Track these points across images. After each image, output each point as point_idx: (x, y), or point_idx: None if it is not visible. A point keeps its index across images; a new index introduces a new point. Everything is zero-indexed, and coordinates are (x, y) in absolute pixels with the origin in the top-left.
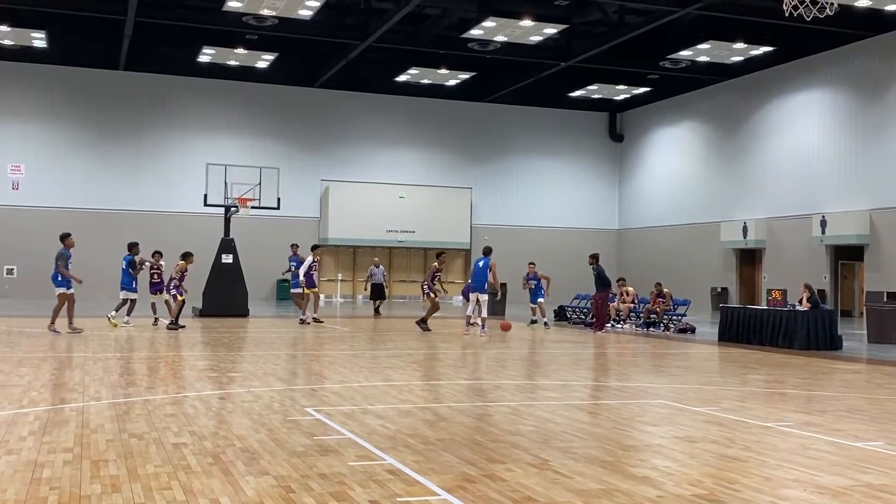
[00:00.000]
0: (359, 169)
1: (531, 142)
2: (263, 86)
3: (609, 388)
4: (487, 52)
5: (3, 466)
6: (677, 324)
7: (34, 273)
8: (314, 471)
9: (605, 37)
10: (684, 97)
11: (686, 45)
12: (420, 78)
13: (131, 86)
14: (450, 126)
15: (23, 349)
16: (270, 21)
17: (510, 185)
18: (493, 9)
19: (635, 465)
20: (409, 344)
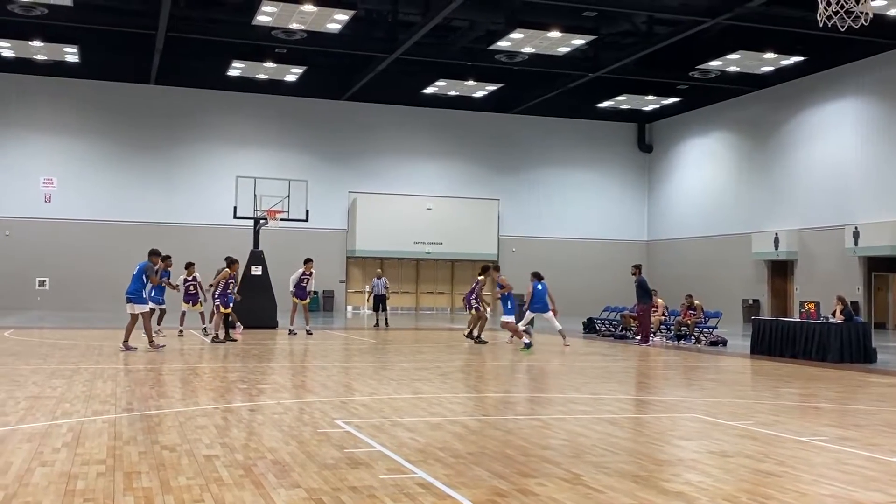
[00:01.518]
0: (386, 181)
1: (559, 153)
2: (292, 99)
3: (640, 401)
4: (515, 63)
5: (37, 478)
6: (708, 336)
7: (66, 285)
8: (345, 484)
9: (634, 47)
10: (714, 107)
11: (716, 56)
12: (447, 90)
13: (162, 100)
14: (477, 137)
15: (55, 361)
16: (299, 35)
17: (538, 196)
18: (520, 20)
19: (668, 480)
20: (438, 356)
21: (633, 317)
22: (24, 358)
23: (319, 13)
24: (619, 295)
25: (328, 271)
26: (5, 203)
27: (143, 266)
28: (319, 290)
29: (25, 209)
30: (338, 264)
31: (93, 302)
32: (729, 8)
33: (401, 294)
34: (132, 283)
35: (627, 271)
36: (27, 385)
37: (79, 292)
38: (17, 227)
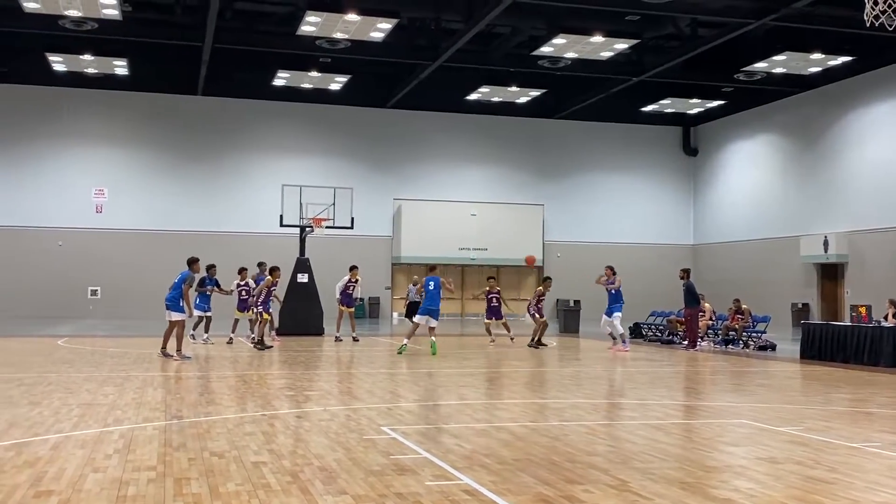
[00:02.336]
0: (431, 187)
1: (603, 158)
2: (336, 107)
3: (688, 407)
4: (558, 68)
5: (90, 484)
6: (757, 341)
7: (117, 294)
8: (391, 490)
9: (678, 50)
10: (760, 110)
11: (761, 57)
12: (491, 96)
13: (209, 110)
14: (521, 143)
15: (107, 368)
16: (343, 44)
17: (582, 201)
18: (563, 26)
19: (717, 487)
20: (482, 362)
21: (680, 321)
22: (77, 366)
23: (363, 22)
24: (665, 299)
25: (373, 278)
26: (58, 214)
27: (184, 275)
28: (365, 297)
29: (77, 220)
30: (383, 271)
31: (143, 310)
32: (774, 9)
33: (445, 300)
34: (171, 291)
35: (673, 276)
36: (80, 392)
37: (129, 301)
38: (70, 238)
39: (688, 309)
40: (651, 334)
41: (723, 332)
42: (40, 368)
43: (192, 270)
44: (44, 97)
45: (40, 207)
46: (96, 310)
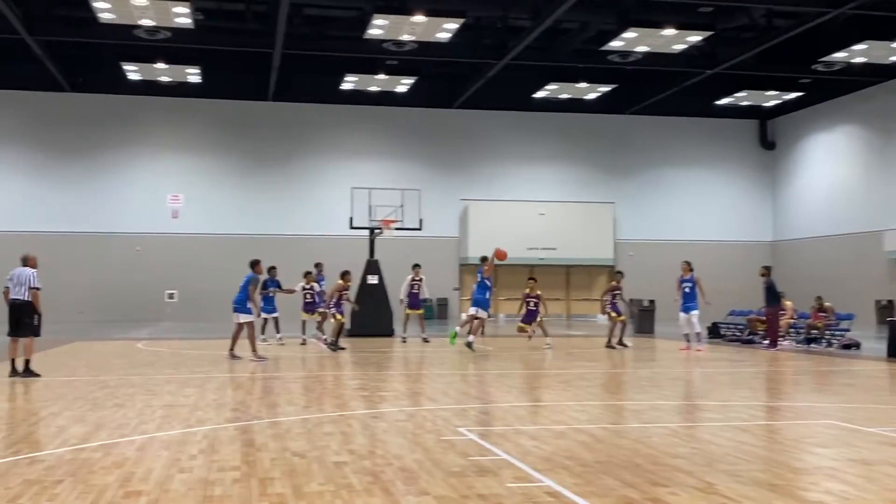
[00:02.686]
0: (498, 187)
1: (676, 153)
2: (403, 109)
3: (772, 407)
4: (628, 63)
5: (176, 484)
6: (840, 339)
7: (193, 297)
8: (473, 491)
9: (753, 42)
10: (840, 101)
11: (840, 47)
12: (559, 93)
13: (279, 115)
14: (590, 140)
15: (187, 370)
16: (410, 46)
17: (655, 198)
18: (633, 19)
19: (807, 489)
20: (556, 363)
21: (761, 320)
22: (157, 368)
23: (429, 23)
24: (743, 298)
25: (442, 279)
26: (136, 220)
27: (249, 277)
28: (433, 298)
29: (154, 225)
30: (451, 272)
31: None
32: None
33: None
34: (238, 294)
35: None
36: (162, 394)
37: (205, 304)
38: (147, 243)
39: (768, 307)
40: (730, 334)
41: (805, 330)
42: (122, 371)
43: (256, 272)
44: (119, 106)
45: (118, 214)
46: (173, 313)
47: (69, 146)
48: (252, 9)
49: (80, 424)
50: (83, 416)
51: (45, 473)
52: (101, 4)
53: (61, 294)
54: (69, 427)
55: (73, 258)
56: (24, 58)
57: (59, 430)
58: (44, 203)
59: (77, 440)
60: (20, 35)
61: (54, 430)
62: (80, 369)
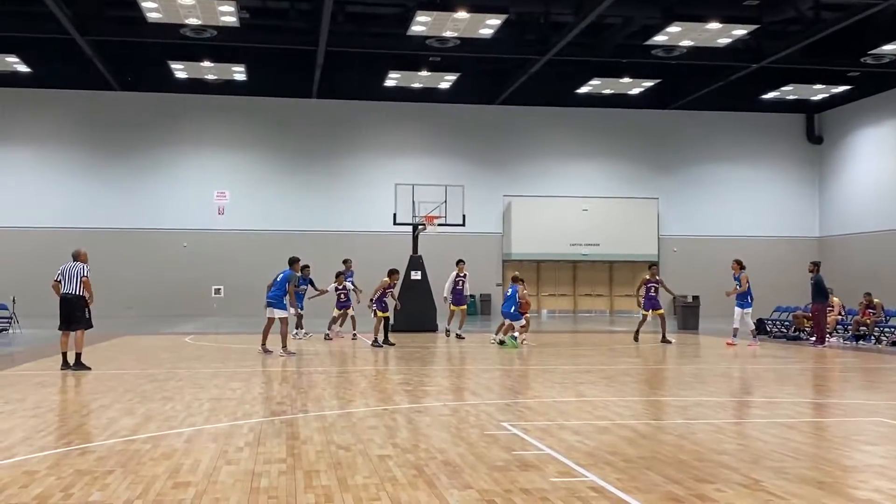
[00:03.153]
0: (541, 183)
1: (721, 148)
2: (446, 106)
3: (819, 404)
4: (672, 57)
5: (224, 476)
6: (890, 336)
7: (239, 292)
8: (516, 486)
9: (800, 35)
10: (889, 94)
11: (889, 39)
12: (602, 88)
13: (323, 112)
14: (634, 136)
15: (233, 364)
16: (452, 42)
17: (699, 194)
18: (677, 13)
19: (856, 487)
20: (599, 359)
21: (807, 317)
22: (204, 362)
23: (472, 19)
24: (789, 294)
25: (484, 275)
26: (183, 216)
27: (287, 274)
28: (476, 294)
29: (201, 221)
30: (494, 268)
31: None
32: None
33: (558, 297)
34: (274, 289)
35: (797, 270)
36: (209, 388)
37: (251, 299)
38: (194, 239)
39: (815, 304)
40: (776, 330)
41: (853, 327)
42: (170, 364)
43: (294, 269)
44: (166, 104)
45: (166, 210)
46: (220, 308)
47: (118, 144)
48: (296, 7)
49: (129, 416)
50: (132, 408)
51: (96, 464)
52: (148, 4)
53: (110, 289)
54: (119, 419)
55: (121, 254)
56: (75, 58)
57: (109, 422)
58: (93, 200)
59: (127, 432)
60: (71, 35)
61: (105, 421)
62: (130, 363)
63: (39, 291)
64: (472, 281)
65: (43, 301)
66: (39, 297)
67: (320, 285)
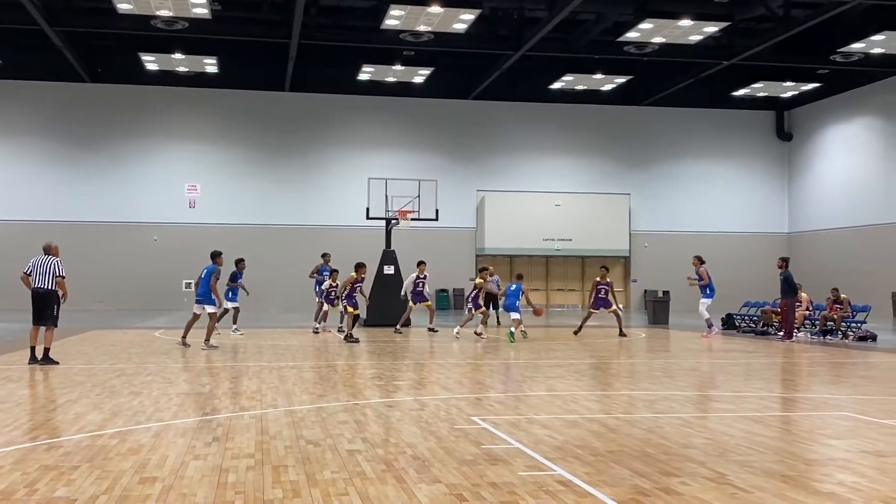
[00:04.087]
0: (514, 178)
1: (692, 144)
2: (420, 100)
3: (786, 399)
4: (645, 54)
5: (191, 471)
6: (856, 331)
7: None
8: (485, 480)
9: (770, 32)
10: (858, 92)
11: (858, 38)
12: (575, 84)
13: (296, 106)
14: (606, 132)
15: (203, 359)
16: (426, 36)
17: (671, 190)
18: (650, 10)
19: (819, 481)
20: (570, 353)
21: (776, 312)
22: (173, 357)
23: (446, 14)
24: (758, 290)
25: (458, 270)
26: (153, 209)
27: (210, 269)
28: (449, 289)
29: (172, 215)
30: (467, 263)
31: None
32: None
33: (530, 291)
34: (201, 286)
35: (766, 266)
36: (178, 382)
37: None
38: (165, 232)
39: (784, 299)
40: (745, 325)
41: (820, 322)
42: (139, 359)
43: (217, 263)
44: (137, 96)
45: (135, 203)
46: (190, 302)
47: (87, 136)
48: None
49: (97, 411)
50: (100, 403)
51: (62, 459)
52: None
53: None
54: (86, 414)
55: (90, 247)
56: (44, 48)
57: (76, 417)
58: (62, 193)
59: (94, 427)
60: (39, 25)
61: (72, 416)
62: (98, 357)
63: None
64: (445, 275)
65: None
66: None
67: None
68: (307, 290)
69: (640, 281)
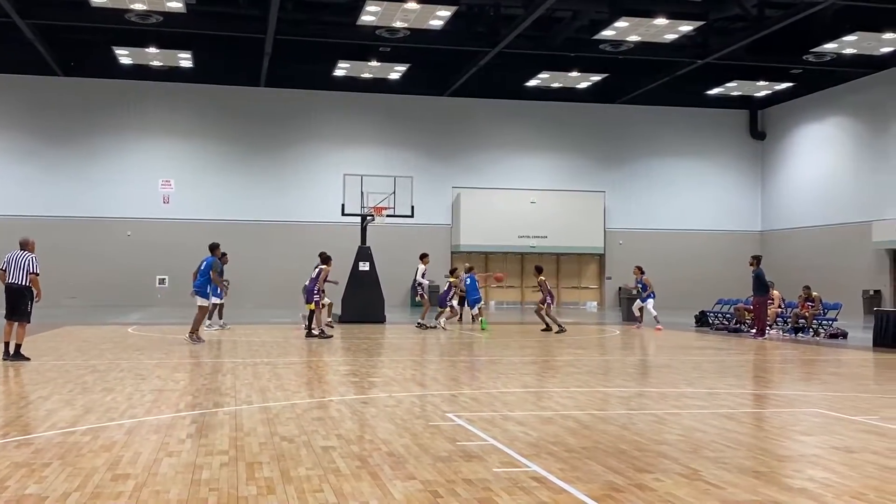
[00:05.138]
0: (490, 175)
1: (667, 143)
2: (396, 96)
3: (758, 396)
4: (620, 52)
5: (165, 468)
6: (828, 329)
7: (184, 282)
8: (459, 476)
9: (744, 32)
10: (830, 91)
11: (831, 38)
12: (551, 82)
13: (271, 101)
14: (582, 129)
15: (177, 355)
16: (402, 33)
17: (645, 187)
18: (625, 8)
19: (790, 477)
20: (547, 350)
21: (748, 309)
22: (147, 353)
23: (422, 10)
24: (731, 287)
25: (433, 266)
26: (127, 205)
27: (210, 261)
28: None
29: (145, 210)
30: (443, 259)
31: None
32: None
33: (506, 288)
34: (199, 278)
35: (740, 263)
36: (152, 379)
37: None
38: (139, 228)
39: (756, 297)
40: (718, 323)
41: (792, 320)
42: (112, 355)
43: (215, 255)
44: (111, 90)
45: (109, 198)
46: (164, 298)
47: (61, 131)
48: None
49: (69, 408)
50: (73, 399)
51: (33, 456)
52: None
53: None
54: (58, 410)
55: (64, 243)
56: (16, 41)
57: (48, 414)
58: (34, 187)
59: (66, 424)
60: (11, 18)
61: (43, 413)
62: (71, 353)
63: None
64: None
65: None
66: None
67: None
68: (283, 286)
69: (614, 278)
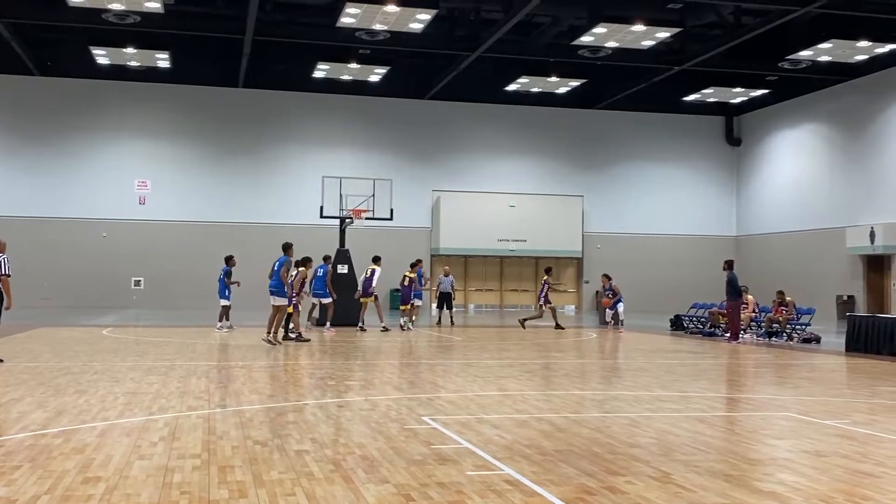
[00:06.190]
0: (469, 179)
1: (644, 148)
2: (376, 99)
3: (731, 399)
4: (598, 58)
5: (136, 471)
6: (801, 333)
7: (160, 284)
8: (433, 479)
9: (721, 39)
10: (805, 98)
11: (806, 45)
12: (530, 87)
13: (250, 102)
14: (560, 134)
15: (151, 358)
16: (382, 35)
17: (623, 192)
18: (604, 15)
19: (761, 480)
20: (523, 353)
21: (722, 314)
22: (121, 355)
23: (402, 13)
24: (706, 291)
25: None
26: (102, 205)
27: (282, 260)
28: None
29: (121, 211)
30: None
31: (185, 300)
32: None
33: (485, 292)
34: (274, 278)
35: (715, 268)
36: (125, 381)
37: (172, 291)
38: (114, 229)
39: (730, 301)
40: (692, 326)
41: (766, 324)
42: (86, 357)
43: (288, 255)
44: (87, 90)
45: (84, 199)
46: (140, 300)
47: (36, 130)
48: None
49: (41, 410)
50: (45, 401)
51: (3, 459)
52: None
53: (26, 279)
54: (30, 413)
55: (38, 243)
56: None
57: (19, 416)
58: (8, 187)
59: (37, 426)
60: None
61: (15, 415)
62: (44, 355)
63: None
64: (399, 275)
65: None
66: None
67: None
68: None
69: (592, 282)
